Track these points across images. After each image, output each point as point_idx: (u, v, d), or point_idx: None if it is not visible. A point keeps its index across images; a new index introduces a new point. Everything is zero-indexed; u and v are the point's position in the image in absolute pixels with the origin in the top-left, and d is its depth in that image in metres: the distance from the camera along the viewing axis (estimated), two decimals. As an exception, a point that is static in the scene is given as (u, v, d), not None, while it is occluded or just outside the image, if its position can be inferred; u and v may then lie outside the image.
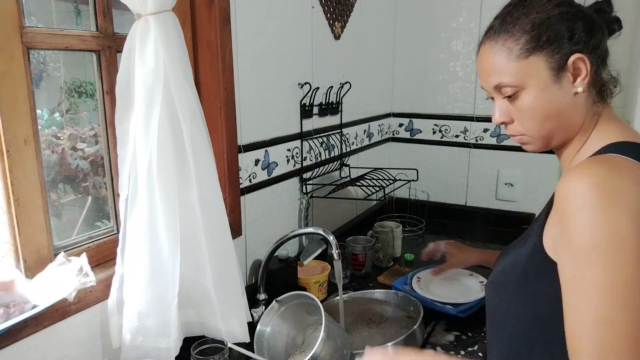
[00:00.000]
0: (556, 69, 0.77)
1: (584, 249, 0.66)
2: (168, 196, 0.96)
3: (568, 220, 0.68)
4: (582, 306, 0.66)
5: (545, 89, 0.78)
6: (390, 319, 1.34)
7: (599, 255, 0.65)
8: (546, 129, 0.81)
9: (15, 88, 0.86)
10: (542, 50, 0.77)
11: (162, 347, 0.99)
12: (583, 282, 0.66)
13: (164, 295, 0.98)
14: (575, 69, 0.77)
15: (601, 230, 0.65)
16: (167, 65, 0.92)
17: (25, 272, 0.90)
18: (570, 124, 0.80)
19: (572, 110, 0.79)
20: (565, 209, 0.68)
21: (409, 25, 2.17)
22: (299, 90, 1.54)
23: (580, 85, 0.77)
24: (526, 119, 0.81)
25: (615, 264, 0.64)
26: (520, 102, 0.80)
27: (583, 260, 0.66)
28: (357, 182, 1.70)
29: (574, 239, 0.67)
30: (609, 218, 0.64)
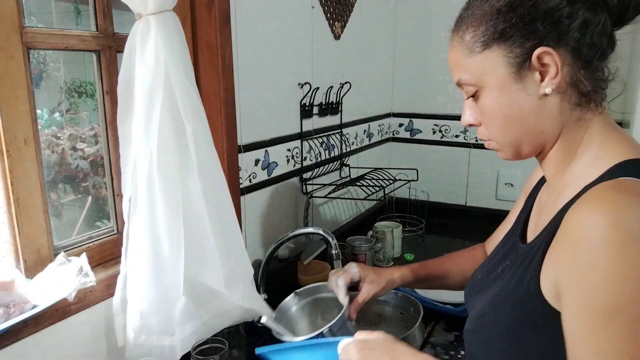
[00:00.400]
0: (517, 65, 0.65)
1: (604, 309, 0.53)
2: (171, 195, 0.96)
3: (583, 267, 0.55)
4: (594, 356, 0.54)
5: (504, 88, 0.66)
6: (390, 319, 1.34)
7: (625, 318, 0.52)
8: (510, 136, 0.69)
9: (15, 88, 0.86)
10: (498, 43, 0.65)
11: (165, 346, 0.99)
12: (600, 348, 0.54)
13: (167, 294, 0.98)
14: (543, 65, 0.64)
15: (630, 287, 0.52)
16: (169, 64, 0.92)
17: (25, 272, 0.90)
18: (538, 131, 0.68)
19: (539, 116, 0.67)
20: (579, 252, 0.55)
21: (409, 25, 2.17)
22: (299, 90, 1.54)
23: (549, 85, 0.64)
24: (488, 122, 0.71)
25: (630, 316, 0.52)
26: (481, 103, 0.70)
27: (602, 322, 0.54)
28: (357, 182, 1.70)
29: (592, 293, 0.54)
30: (635, 270, 0.52)
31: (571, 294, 0.58)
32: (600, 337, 0.54)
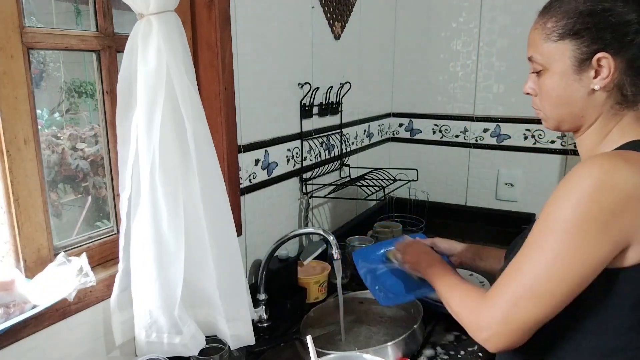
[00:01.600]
0: (580, 61, 0.79)
1: (550, 218, 0.74)
2: (172, 194, 0.96)
3: (556, 196, 0.74)
4: (522, 256, 0.77)
5: (564, 76, 0.81)
6: (390, 319, 1.34)
7: (557, 226, 0.72)
8: (557, 113, 0.84)
9: (15, 88, 0.86)
10: (571, 39, 0.79)
11: (177, 343, 0.99)
12: (533, 240, 0.75)
13: (171, 293, 0.98)
14: (600, 66, 0.78)
15: (571, 211, 0.71)
16: (170, 64, 0.92)
17: (25, 272, 0.90)
18: (581, 116, 0.82)
19: (585, 104, 0.81)
20: (559, 188, 0.74)
21: (409, 25, 2.17)
22: (299, 90, 1.54)
23: (599, 83, 0.78)
24: (543, 98, 0.85)
25: (561, 240, 0.72)
26: (542, 80, 0.84)
27: (544, 225, 0.74)
28: (357, 182, 1.70)
29: (550, 210, 0.74)
30: (583, 205, 0.70)
31: (540, 213, 0.76)
32: (536, 237, 0.75)
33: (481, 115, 2.09)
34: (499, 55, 1.99)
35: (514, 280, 0.76)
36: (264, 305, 1.29)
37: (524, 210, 2.04)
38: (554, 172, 2.00)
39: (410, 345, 1.15)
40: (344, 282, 1.54)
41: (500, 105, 2.04)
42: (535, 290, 0.74)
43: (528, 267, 0.75)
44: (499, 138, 2.08)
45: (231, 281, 1.05)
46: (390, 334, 1.28)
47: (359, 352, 1.01)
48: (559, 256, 0.72)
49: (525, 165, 2.05)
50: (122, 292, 1.00)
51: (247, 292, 1.11)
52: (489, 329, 0.79)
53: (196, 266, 1.03)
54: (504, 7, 1.93)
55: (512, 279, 0.77)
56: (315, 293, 1.43)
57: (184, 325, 0.99)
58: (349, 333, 1.28)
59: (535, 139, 2.00)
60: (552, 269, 0.72)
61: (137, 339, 1.01)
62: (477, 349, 1.20)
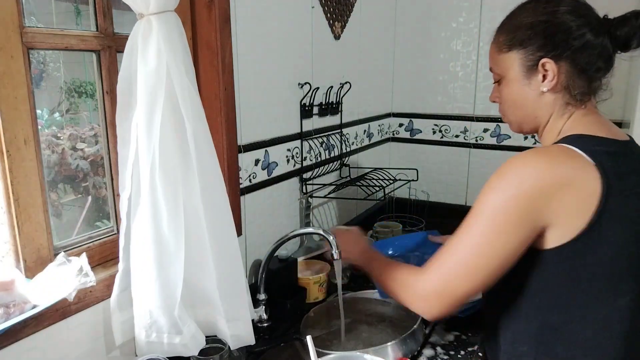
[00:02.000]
0: (527, 67, 0.89)
1: (477, 201, 0.84)
2: (172, 194, 0.96)
3: (488, 183, 0.84)
4: (454, 237, 0.86)
5: (516, 82, 0.91)
6: (390, 319, 1.34)
7: (478, 209, 0.83)
8: (515, 116, 0.95)
9: (15, 88, 0.86)
10: (518, 49, 0.89)
11: (177, 343, 0.99)
12: (465, 222, 0.85)
13: (171, 293, 0.98)
14: (546, 70, 0.87)
15: (498, 199, 0.81)
16: (170, 64, 0.92)
17: (25, 272, 0.90)
18: (534, 117, 0.92)
19: (536, 105, 0.90)
20: (492, 176, 0.84)
21: (409, 25, 2.17)
22: (299, 90, 1.54)
23: (547, 85, 0.87)
24: (503, 103, 0.96)
25: (479, 220, 0.83)
26: (501, 88, 0.95)
27: (475, 207, 0.84)
28: (357, 182, 1.70)
29: (482, 197, 0.83)
30: (508, 193, 0.80)
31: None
32: (466, 221, 0.85)
33: (481, 115, 2.09)
34: (499, 55, 1.99)
35: (449, 256, 0.87)
36: (264, 305, 1.29)
37: (524, 210, 2.04)
38: (554, 172, 1.99)
39: (410, 345, 1.15)
40: (344, 282, 1.54)
41: (500, 105, 2.04)
42: (466, 266, 0.84)
43: (461, 246, 0.85)
44: (499, 138, 2.08)
45: (231, 281, 1.05)
46: (390, 334, 1.28)
47: (359, 352, 1.01)
48: (485, 237, 0.82)
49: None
50: (122, 292, 1.00)
51: (247, 292, 1.11)
52: (426, 299, 0.90)
53: (196, 266, 1.03)
54: (504, 7, 1.90)
55: (446, 255, 0.87)
56: (315, 293, 1.43)
57: (184, 325, 0.99)
58: (349, 333, 1.28)
59: (535, 139, 2.00)
60: (480, 248, 0.82)
61: (137, 339, 1.01)
62: (477, 349, 1.20)
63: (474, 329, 1.28)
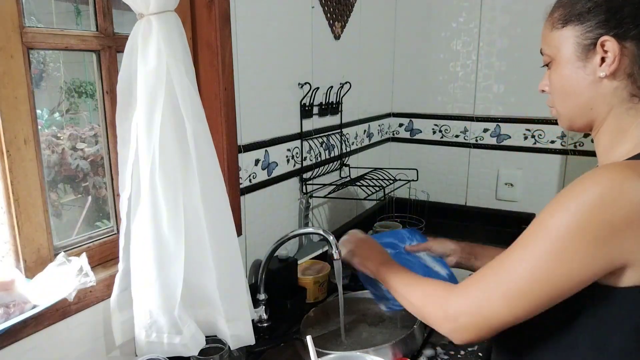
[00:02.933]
0: (584, 47, 0.74)
1: (540, 222, 0.70)
2: (172, 194, 0.96)
3: (556, 201, 0.70)
4: (507, 254, 0.74)
5: (568, 64, 0.76)
6: (390, 319, 1.34)
7: (543, 233, 0.69)
8: (565, 107, 0.80)
9: (15, 88, 0.86)
10: (575, 24, 0.75)
11: (177, 343, 0.99)
12: (517, 242, 0.73)
13: (171, 293, 0.98)
14: (606, 52, 0.72)
15: (564, 220, 0.67)
16: (170, 64, 0.92)
17: (25, 272, 0.90)
18: (590, 109, 0.77)
19: (592, 94, 0.75)
20: (561, 194, 0.70)
21: (409, 25, 2.17)
22: (299, 90, 1.54)
23: (605, 70, 0.72)
24: (552, 92, 0.81)
25: (542, 247, 0.69)
26: (551, 74, 0.80)
27: (532, 228, 0.71)
28: (357, 182, 1.70)
29: (545, 213, 0.70)
30: (580, 219, 0.66)
31: (539, 213, 0.72)
32: (521, 238, 0.73)
33: (481, 115, 2.09)
34: (499, 55, 1.99)
35: (492, 274, 0.74)
36: (264, 305, 1.29)
37: (524, 210, 2.04)
38: (554, 172, 2.00)
39: (410, 345, 1.15)
40: (344, 282, 1.54)
41: (500, 105, 2.04)
42: (510, 289, 0.71)
43: (509, 264, 0.72)
44: (499, 138, 2.08)
45: (231, 281, 1.05)
46: (390, 334, 1.28)
47: (359, 352, 1.01)
48: (544, 261, 0.68)
49: (525, 165, 2.05)
50: (122, 292, 1.00)
51: (247, 292, 1.11)
52: (455, 320, 0.77)
53: (196, 266, 1.03)
54: (504, 7, 1.93)
55: (490, 272, 0.75)
56: (315, 293, 1.43)
57: (184, 325, 0.99)
58: (349, 333, 1.27)
59: (535, 139, 2.00)
60: (534, 272, 0.69)
61: (137, 339, 1.01)
62: (477, 349, 1.20)
63: (474, 329, 1.28)
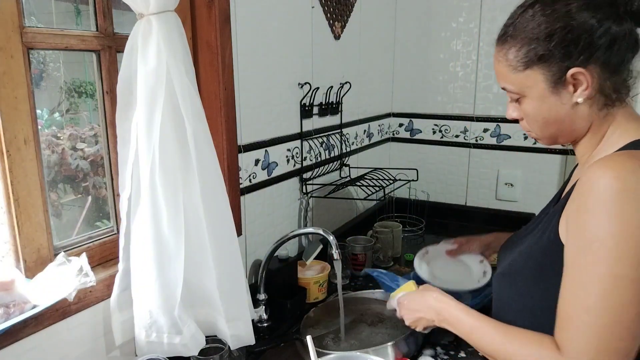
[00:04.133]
0: (554, 82, 0.77)
1: (591, 238, 0.69)
2: (172, 194, 0.96)
3: (586, 210, 0.70)
4: (578, 291, 0.70)
5: (543, 99, 0.79)
6: (390, 319, 1.34)
7: (604, 247, 0.67)
8: (548, 132, 0.83)
9: (15, 88, 0.86)
10: (538, 64, 0.77)
11: (177, 343, 0.99)
12: (583, 269, 0.70)
13: (171, 293, 0.99)
14: (575, 80, 0.76)
15: (613, 224, 0.67)
16: (170, 64, 0.92)
17: (25, 272, 0.90)
18: (572, 129, 0.81)
19: (572, 118, 0.79)
20: (586, 200, 0.70)
21: (409, 25, 2.17)
22: (299, 90, 1.54)
23: (581, 96, 0.77)
24: (530, 122, 0.84)
25: (616, 258, 0.67)
26: (523, 107, 0.83)
27: (588, 249, 0.69)
28: (357, 182, 1.70)
29: (586, 227, 0.69)
30: (624, 213, 0.67)
31: (572, 230, 0.72)
32: (581, 261, 0.70)
33: (481, 115, 2.09)
34: (499, 55, 1.99)
35: (585, 322, 0.68)
36: (264, 305, 1.29)
37: (524, 210, 2.04)
38: (554, 172, 2.00)
39: (410, 345, 1.15)
40: (344, 282, 1.54)
41: (500, 105, 2.04)
42: (612, 324, 0.67)
43: (592, 299, 0.67)
44: (499, 138, 2.08)
45: (231, 281, 1.05)
46: (390, 334, 1.28)
47: (359, 352, 1.01)
48: (616, 276, 0.66)
49: (525, 165, 2.05)
50: (122, 292, 1.00)
51: (247, 292, 1.11)
52: None
53: (196, 266, 1.03)
54: (504, 7, 1.93)
55: (580, 321, 0.69)
56: (315, 293, 1.43)
57: (184, 325, 0.99)
58: (349, 333, 1.27)
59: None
60: (617, 294, 0.66)
61: (137, 339, 1.01)
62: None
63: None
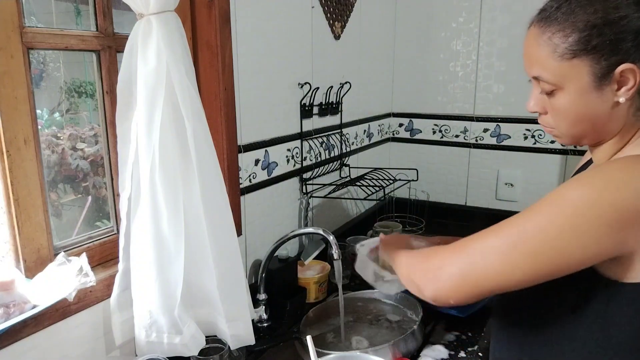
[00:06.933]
0: (600, 76, 0.71)
1: (564, 194, 0.68)
2: (172, 194, 0.96)
3: (581, 177, 0.69)
4: (513, 217, 0.71)
5: (583, 94, 0.73)
6: (390, 319, 1.34)
7: (567, 204, 0.67)
8: (577, 130, 0.77)
9: (15, 88, 0.86)
10: (588, 55, 0.70)
11: (177, 343, 0.99)
12: (535, 206, 0.70)
13: (171, 293, 0.99)
14: (623, 77, 0.71)
15: (592, 195, 0.66)
16: (170, 64, 0.92)
17: (25, 272, 0.90)
18: (604, 130, 0.76)
19: (608, 118, 0.74)
20: (586, 172, 0.71)
21: (409, 25, 2.17)
22: (299, 90, 1.54)
23: (624, 95, 0.71)
24: (557, 117, 0.77)
25: (561, 216, 0.67)
26: (555, 100, 0.76)
27: (554, 199, 0.69)
28: (357, 182, 1.70)
29: (569, 187, 0.69)
30: (604, 198, 0.65)
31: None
32: (529, 209, 0.70)
33: (481, 115, 2.09)
34: (499, 55, 1.99)
35: (492, 232, 0.72)
36: (264, 305, 1.29)
37: (524, 210, 2.04)
38: (554, 172, 1.99)
39: (410, 345, 1.15)
40: (344, 282, 1.54)
41: (500, 105, 2.04)
42: (515, 246, 0.69)
43: (517, 222, 0.70)
44: (499, 138, 2.08)
45: (231, 281, 1.05)
46: (390, 334, 1.28)
47: (359, 352, 1.01)
48: (558, 226, 0.66)
49: (525, 165, 2.05)
50: (122, 292, 1.00)
51: (247, 292, 1.11)
52: (438, 279, 0.75)
53: (196, 266, 1.03)
54: (504, 7, 1.93)
55: (490, 231, 0.72)
56: (315, 293, 1.44)
57: (184, 325, 0.99)
58: (349, 333, 1.28)
59: (535, 139, 2.00)
60: (546, 235, 0.67)
61: (137, 339, 1.01)
62: (477, 349, 1.20)
63: (475, 329, 1.28)
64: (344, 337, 1.25)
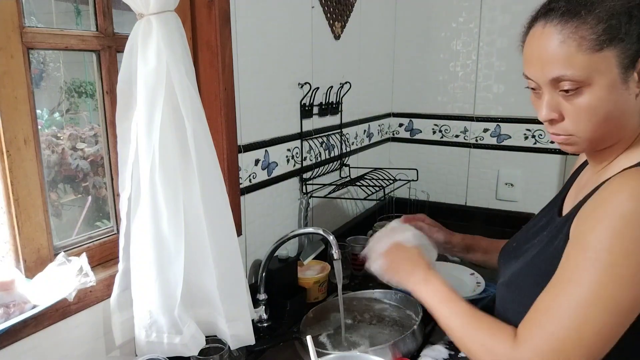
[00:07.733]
0: (626, 67, 0.67)
1: (587, 245, 0.66)
2: (172, 194, 0.96)
3: (598, 220, 0.65)
4: (556, 290, 0.68)
5: (612, 88, 0.67)
6: (390, 319, 1.34)
7: (596, 258, 0.64)
8: (600, 132, 0.71)
9: (15, 88, 0.86)
10: (617, 45, 0.66)
11: (177, 343, 0.99)
12: (570, 271, 0.67)
13: (171, 293, 0.99)
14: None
15: (613, 241, 0.63)
16: (170, 64, 0.92)
17: (25, 272, 0.90)
18: (625, 129, 0.72)
19: (631, 113, 0.70)
20: (600, 211, 0.66)
21: (409, 25, 2.17)
22: (299, 90, 1.54)
23: None
24: (581, 119, 0.71)
25: (601, 275, 0.64)
26: (580, 99, 0.69)
27: (582, 253, 0.66)
28: (357, 182, 1.70)
29: (587, 233, 0.66)
30: (625, 235, 0.63)
31: (577, 236, 0.68)
32: (578, 266, 0.66)
33: (481, 115, 2.09)
34: (499, 55, 1.99)
35: (549, 323, 0.67)
36: (264, 305, 1.29)
37: (524, 210, 2.04)
38: (554, 172, 1.99)
39: (410, 345, 1.15)
40: (344, 282, 1.54)
41: (500, 105, 2.04)
42: (579, 331, 0.64)
43: (566, 304, 0.65)
44: (499, 138, 2.08)
45: (231, 281, 1.05)
46: (390, 334, 1.28)
47: (359, 352, 1.01)
48: (602, 288, 0.63)
49: (525, 165, 2.05)
50: (122, 292, 1.00)
51: (247, 292, 1.11)
52: None
53: (196, 266, 1.03)
54: (504, 7, 1.93)
55: (546, 319, 0.67)
56: (315, 293, 1.43)
57: (184, 325, 0.99)
58: (349, 333, 1.28)
59: (536, 139, 2.00)
60: (588, 310, 0.64)
61: (137, 339, 1.01)
62: (477, 349, 1.20)
63: (474, 329, 1.27)
64: (344, 337, 1.25)
